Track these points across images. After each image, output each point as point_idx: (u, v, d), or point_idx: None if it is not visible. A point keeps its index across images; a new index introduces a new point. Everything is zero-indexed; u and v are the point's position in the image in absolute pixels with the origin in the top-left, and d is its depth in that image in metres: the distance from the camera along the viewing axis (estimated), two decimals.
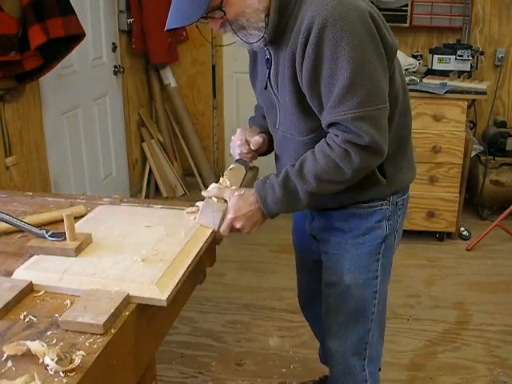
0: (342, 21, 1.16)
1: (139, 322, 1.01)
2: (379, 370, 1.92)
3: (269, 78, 1.38)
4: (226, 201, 1.33)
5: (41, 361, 0.83)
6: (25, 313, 0.97)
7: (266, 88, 1.40)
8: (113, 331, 0.92)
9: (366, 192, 1.38)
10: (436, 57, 3.35)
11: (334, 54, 1.18)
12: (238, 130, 1.54)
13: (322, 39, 1.18)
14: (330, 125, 1.26)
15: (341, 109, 1.21)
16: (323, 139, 1.29)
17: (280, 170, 1.47)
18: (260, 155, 1.58)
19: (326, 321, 1.56)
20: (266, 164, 1.73)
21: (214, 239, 1.34)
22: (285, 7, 1.25)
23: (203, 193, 1.35)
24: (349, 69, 1.18)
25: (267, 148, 1.56)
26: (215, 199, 1.32)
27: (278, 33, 1.28)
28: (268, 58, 1.36)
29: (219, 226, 1.31)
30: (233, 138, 1.54)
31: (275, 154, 1.53)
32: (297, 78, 1.27)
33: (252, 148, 1.50)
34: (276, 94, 1.38)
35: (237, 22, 1.24)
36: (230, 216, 1.31)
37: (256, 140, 1.49)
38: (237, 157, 1.54)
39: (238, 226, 1.32)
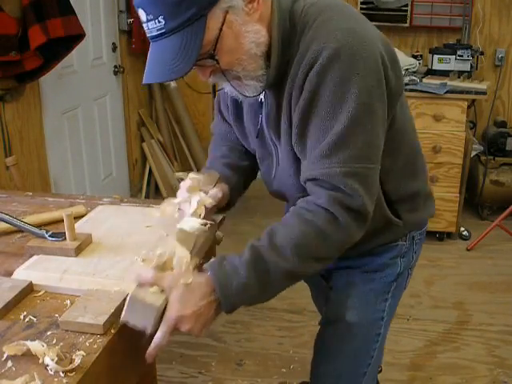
0: (352, 57, 0.99)
1: None
2: (380, 371, 1.92)
3: (265, 122, 1.17)
4: (163, 291, 0.96)
5: (41, 361, 0.83)
6: (25, 313, 0.97)
7: (257, 137, 1.20)
8: (113, 331, 0.92)
9: (379, 237, 1.22)
10: (436, 57, 3.35)
11: (338, 91, 1.00)
12: (189, 176, 1.21)
13: (327, 72, 0.99)
14: (312, 180, 1.05)
15: (330, 160, 1.01)
16: (294, 207, 1.07)
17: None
18: (219, 210, 1.27)
19: (316, 361, 1.37)
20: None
21: (214, 239, 1.33)
22: (287, 46, 1.05)
23: (136, 276, 0.98)
24: (350, 114, 0.99)
25: (228, 202, 1.27)
26: (150, 289, 0.95)
27: (279, 74, 1.07)
28: (261, 102, 1.15)
29: (154, 328, 0.93)
30: (181, 185, 1.21)
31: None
32: (291, 119, 1.08)
33: (207, 205, 1.16)
34: (274, 140, 1.17)
35: (231, 71, 1.04)
36: (172, 315, 0.94)
37: (213, 194, 1.17)
38: (181, 215, 1.18)
39: (185, 327, 0.96)
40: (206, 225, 1.11)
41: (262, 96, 1.14)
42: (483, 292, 2.83)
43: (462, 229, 3.38)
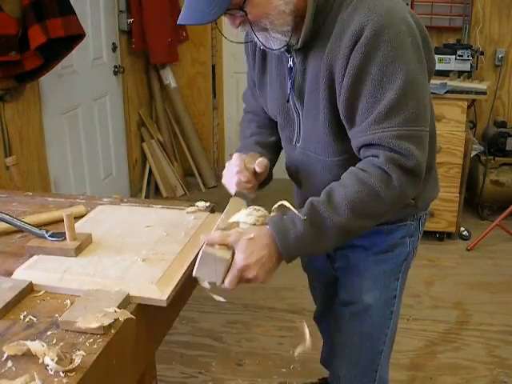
0: (395, 31, 1.06)
1: (139, 322, 1.01)
2: None
3: (292, 89, 1.23)
4: (229, 247, 1.08)
5: (41, 361, 0.83)
6: (25, 313, 0.97)
7: (288, 101, 1.26)
8: (113, 331, 0.92)
9: (394, 214, 1.24)
10: (436, 57, 3.34)
11: (386, 63, 1.06)
12: (235, 155, 1.29)
13: (374, 46, 1.06)
14: (366, 145, 1.12)
15: (384, 125, 1.08)
16: (352, 167, 1.14)
17: (301, 194, 1.35)
18: (262, 185, 1.34)
19: (336, 342, 1.46)
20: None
21: None
22: (321, 10, 1.12)
23: (202, 237, 1.13)
24: (401, 82, 1.06)
25: (267, 177, 1.33)
26: (217, 246, 1.07)
27: (309, 38, 1.15)
28: (291, 67, 1.22)
29: (223, 279, 1.06)
30: (227, 164, 1.30)
31: (292, 175, 1.37)
32: (333, 90, 1.14)
33: (258, 170, 1.24)
34: (297, 106, 1.24)
35: (259, 23, 1.11)
36: (239, 265, 1.06)
37: (261, 162, 1.24)
38: (233, 189, 1.26)
39: (250, 275, 1.07)
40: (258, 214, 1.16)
41: (290, 62, 1.21)
42: (483, 292, 2.83)
43: (462, 229, 3.38)
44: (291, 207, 1.13)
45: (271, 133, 1.42)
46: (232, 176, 1.25)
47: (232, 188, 1.26)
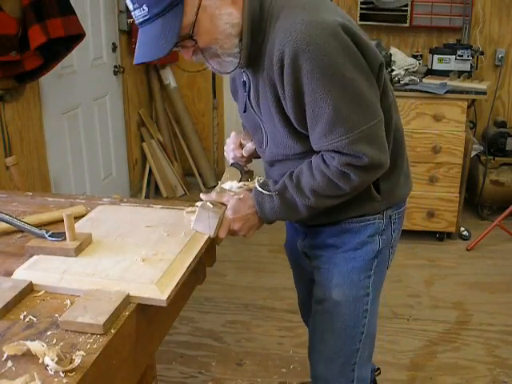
0: (313, 45, 1.09)
1: (139, 322, 1.01)
2: (379, 372, 1.92)
3: (248, 100, 1.32)
4: (223, 205, 1.30)
5: (41, 361, 0.83)
6: (25, 313, 0.97)
7: (245, 111, 1.36)
8: (113, 331, 0.92)
9: (359, 207, 1.33)
10: (436, 57, 3.35)
11: (313, 83, 1.12)
12: (233, 134, 1.50)
13: (297, 69, 1.11)
14: (324, 151, 1.22)
15: (333, 136, 1.16)
16: (319, 155, 1.24)
17: (270, 174, 1.44)
18: (255, 158, 1.53)
19: (312, 340, 1.49)
20: (261, 166, 1.67)
21: (214, 239, 1.33)
22: (257, 30, 1.18)
23: (202, 195, 1.33)
24: (332, 97, 1.12)
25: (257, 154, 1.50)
26: (211, 205, 1.27)
27: (252, 57, 1.21)
28: (244, 81, 1.31)
29: (215, 232, 1.26)
30: (227, 141, 1.51)
31: (265, 171, 1.48)
32: (281, 102, 1.21)
33: (244, 154, 1.47)
34: (259, 116, 1.33)
35: (209, 49, 1.16)
36: (228, 217, 1.28)
37: (249, 147, 1.45)
38: (231, 161, 1.51)
39: (235, 227, 1.29)
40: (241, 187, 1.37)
41: (244, 77, 1.30)
42: (483, 292, 2.83)
43: (462, 229, 3.38)
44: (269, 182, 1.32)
45: None
46: (229, 151, 1.49)
47: (230, 160, 1.51)
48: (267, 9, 1.18)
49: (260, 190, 1.30)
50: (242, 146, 1.47)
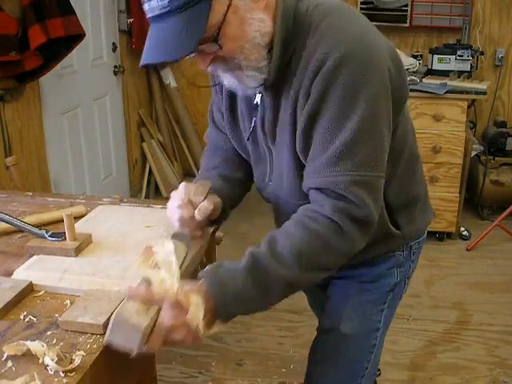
0: (359, 64, 0.97)
1: None
2: (379, 373, 1.91)
3: (260, 126, 1.14)
4: (151, 306, 0.90)
5: (41, 361, 0.83)
6: (25, 313, 0.97)
7: (248, 139, 1.18)
8: None
9: (377, 248, 1.19)
10: (436, 57, 3.35)
11: (345, 98, 0.97)
12: (181, 185, 1.15)
13: (335, 78, 0.97)
14: (316, 188, 1.02)
15: (336, 169, 0.98)
16: (295, 216, 1.03)
17: (276, 220, 1.27)
18: (213, 222, 1.21)
19: (310, 371, 1.35)
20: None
21: (214, 239, 1.33)
22: (290, 40, 1.03)
23: (126, 290, 0.92)
24: (358, 122, 0.97)
25: (221, 214, 1.22)
26: (134, 308, 0.88)
27: (280, 72, 1.05)
28: (256, 103, 1.12)
29: (140, 349, 0.86)
30: (173, 194, 1.16)
31: (273, 211, 1.29)
32: (296, 122, 1.05)
33: (197, 217, 1.11)
34: (269, 145, 1.15)
35: (232, 59, 1.00)
36: (166, 325, 0.89)
37: (203, 207, 1.11)
38: (176, 224, 1.13)
39: (176, 338, 0.90)
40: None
41: (257, 99, 1.12)
42: (483, 292, 2.83)
43: (462, 229, 3.38)
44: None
45: (237, 168, 1.31)
46: (173, 211, 1.13)
47: (175, 223, 1.13)
48: (303, 16, 1.03)
49: (215, 270, 0.97)
50: (192, 204, 1.12)
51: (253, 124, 1.15)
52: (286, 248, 0.97)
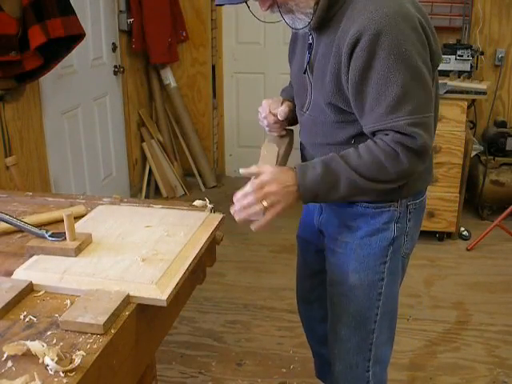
0: (396, 31, 1.16)
1: (139, 322, 1.01)
2: None
3: (308, 63, 1.37)
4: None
5: (41, 361, 0.83)
6: (25, 313, 0.97)
7: (305, 72, 1.39)
8: (113, 331, 0.92)
9: (377, 195, 1.33)
10: None
11: (387, 63, 1.16)
12: (264, 102, 1.53)
13: (375, 47, 1.16)
14: (379, 131, 1.23)
15: (395, 115, 1.19)
16: (367, 141, 1.26)
17: (307, 157, 1.46)
18: (290, 124, 1.56)
19: (331, 320, 1.52)
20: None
21: (214, 239, 1.33)
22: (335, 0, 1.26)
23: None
24: (403, 78, 1.17)
25: (294, 115, 1.53)
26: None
27: (324, 22, 1.27)
28: (310, 44, 1.35)
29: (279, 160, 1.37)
30: (259, 109, 1.53)
31: (300, 142, 1.50)
32: (339, 74, 1.25)
33: (280, 119, 1.49)
34: (310, 79, 1.37)
35: (286, 4, 1.25)
36: (265, 179, 1.23)
37: (282, 110, 1.48)
38: (266, 129, 1.54)
39: (270, 189, 1.22)
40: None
41: (310, 39, 1.34)
42: (483, 292, 2.83)
43: (462, 229, 3.38)
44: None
45: None
46: (263, 119, 1.52)
47: (265, 128, 1.54)
48: None
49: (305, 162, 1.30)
50: (272, 114, 1.50)
51: (307, 60, 1.37)
52: (351, 163, 1.23)
